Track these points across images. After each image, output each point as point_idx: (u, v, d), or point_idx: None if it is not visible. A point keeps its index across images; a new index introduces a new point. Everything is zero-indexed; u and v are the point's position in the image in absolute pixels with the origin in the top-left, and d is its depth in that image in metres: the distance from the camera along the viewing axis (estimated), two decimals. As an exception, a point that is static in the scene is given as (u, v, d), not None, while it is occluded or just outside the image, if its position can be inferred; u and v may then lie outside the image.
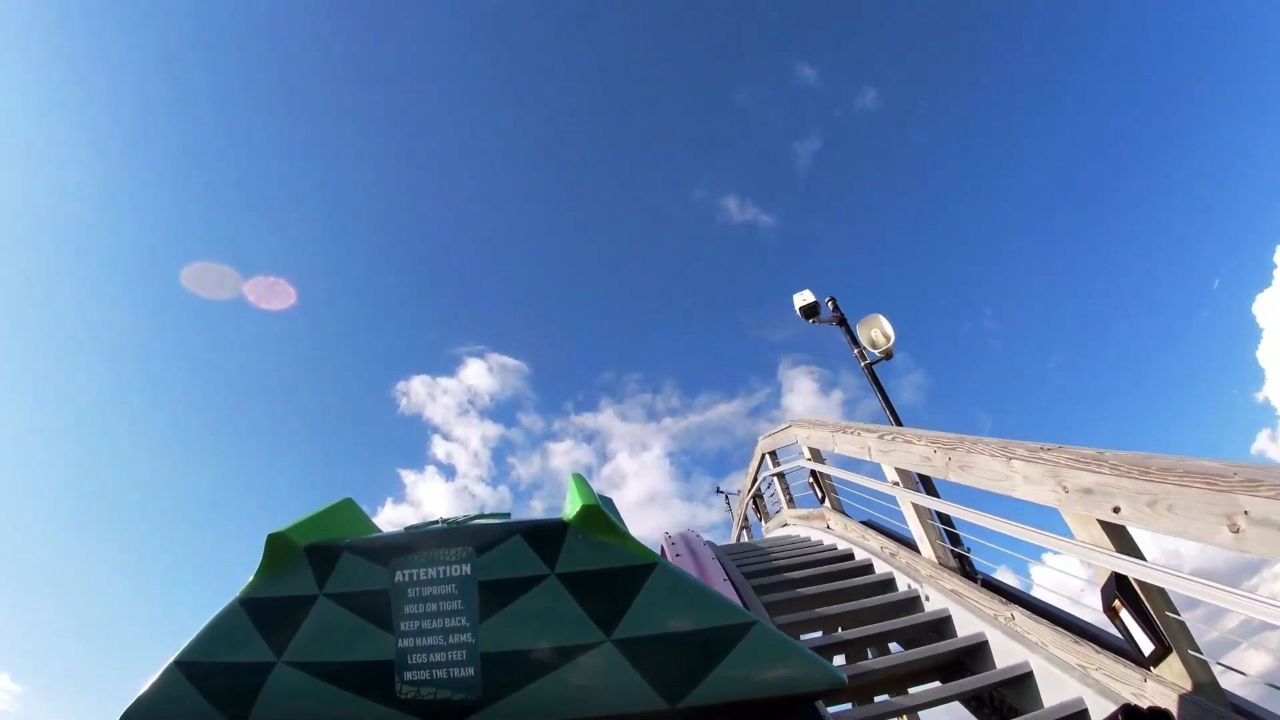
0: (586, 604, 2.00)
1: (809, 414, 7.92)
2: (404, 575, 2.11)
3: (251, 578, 2.21)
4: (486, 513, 2.44)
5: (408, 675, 2.00)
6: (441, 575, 2.10)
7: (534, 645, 1.99)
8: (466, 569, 2.10)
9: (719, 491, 19.98)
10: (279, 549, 2.19)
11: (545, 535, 2.12)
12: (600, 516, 2.09)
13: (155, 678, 2.12)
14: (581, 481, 2.31)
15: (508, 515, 2.40)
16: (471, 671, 1.98)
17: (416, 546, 2.15)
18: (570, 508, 2.17)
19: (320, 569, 2.17)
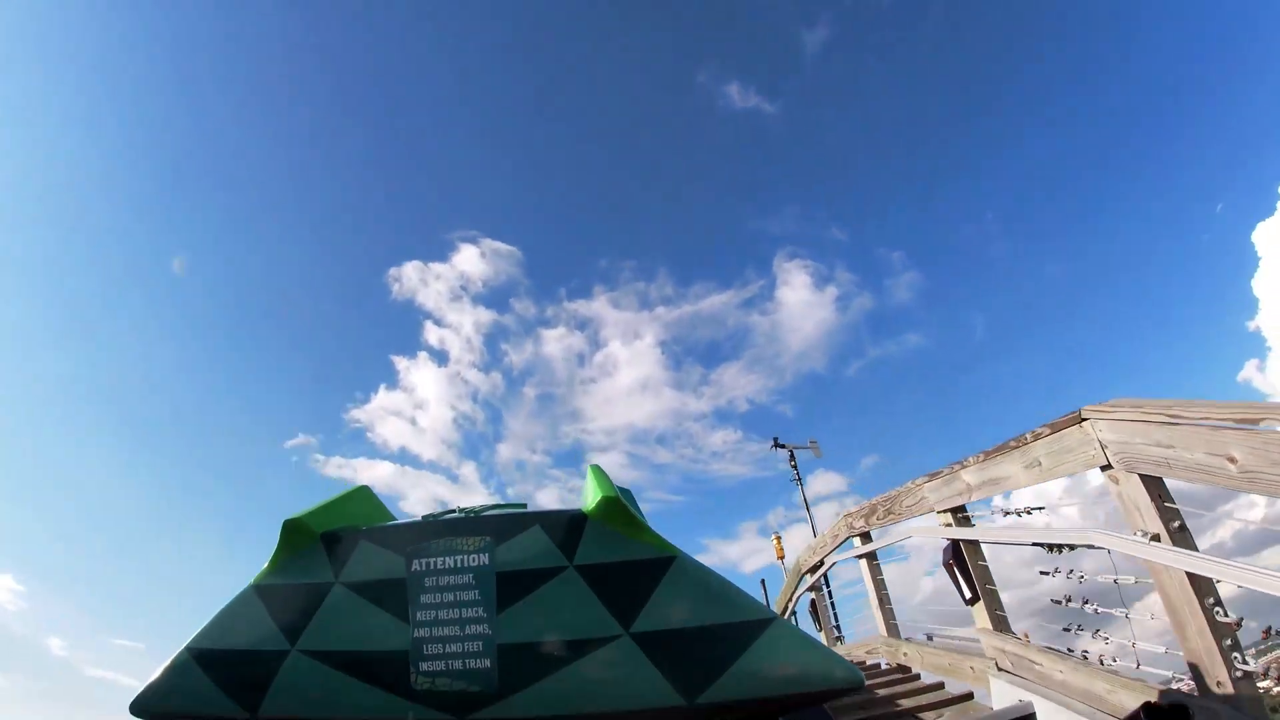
0: (605, 597, 1.98)
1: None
2: (421, 564, 2.10)
3: (266, 564, 2.20)
4: (504, 502, 2.44)
5: (423, 666, 1.98)
6: (459, 565, 2.08)
7: (551, 638, 1.97)
8: (484, 559, 2.08)
9: (778, 445, 15.12)
10: (295, 536, 2.18)
11: (564, 526, 2.10)
12: (619, 508, 2.06)
13: (167, 664, 2.10)
14: (600, 473, 2.28)
15: (524, 505, 2.39)
16: (488, 663, 1.96)
17: (434, 535, 2.14)
18: (589, 499, 2.14)
19: (336, 557, 2.16)
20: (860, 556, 5.56)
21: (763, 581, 14.79)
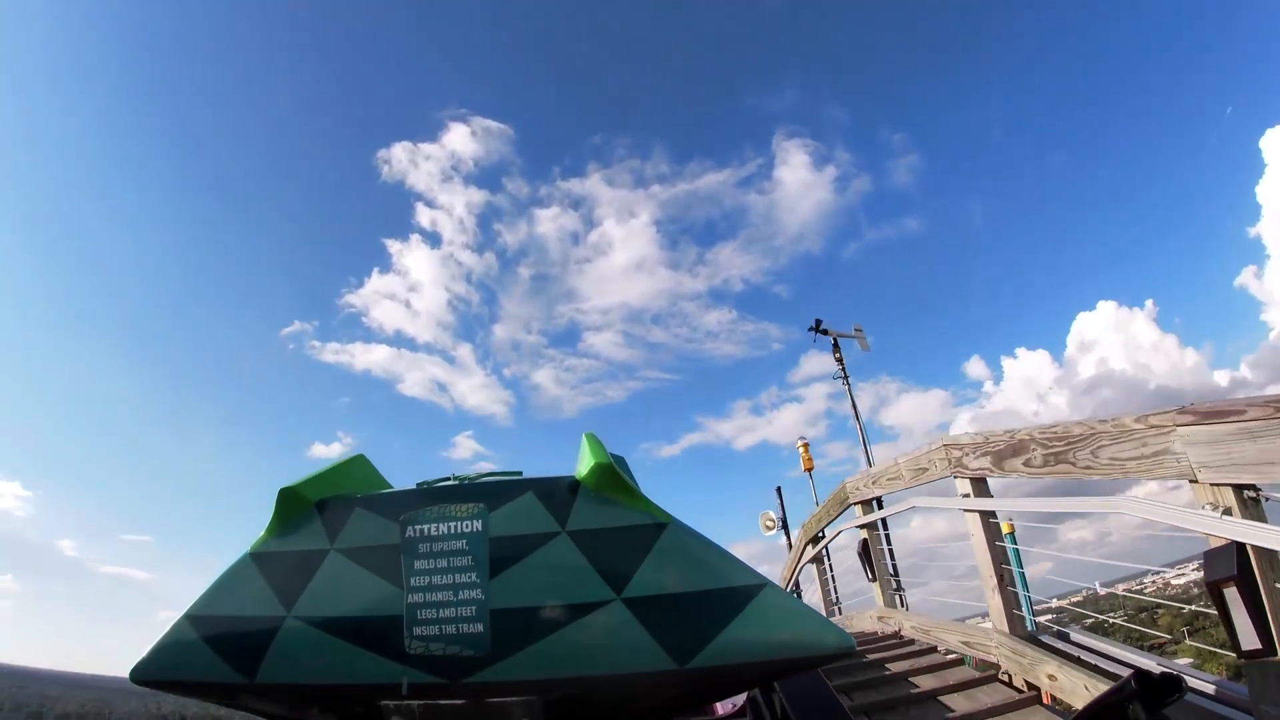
0: (597, 562, 1.99)
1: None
2: (415, 531, 2.10)
3: (263, 532, 2.22)
4: (498, 470, 2.42)
5: (417, 631, 1.99)
6: (453, 531, 2.08)
7: (544, 603, 1.98)
8: (478, 525, 2.08)
9: (819, 331, 13.09)
10: (290, 503, 2.21)
11: (557, 492, 2.11)
12: (612, 475, 2.07)
13: (166, 632, 2.13)
14: (594, 440, 2.27)
15: (519, 473, 2.37)
16: (481, 628, 1.97)
17: (428, 502, 2.15)
18: (582, 466, 2.15)
19: (332, 524, 2.18)
20: (975, 511, 3.87)
21: (779, 489, 13.92)
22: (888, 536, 6.29)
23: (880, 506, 5.95)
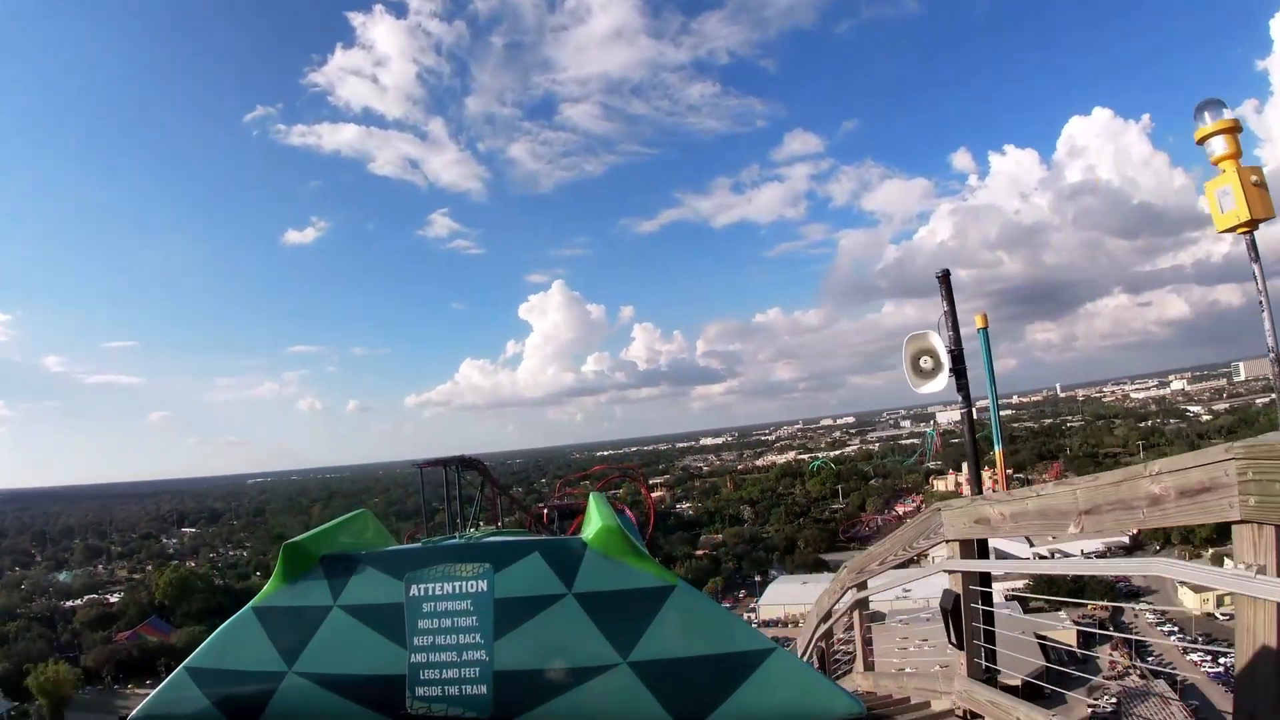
0: (603, 625, 1.98)
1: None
2: (419, 589, 2.10)
3: (267, 586, 2.22)
4: (503, 529, 2.49)
5: (419, 691, 1.99)
6: (457, 591, 2.08)
7: (549, 665, 1.97)
8: (483, 585, 2.07)
9: None
10: (295, 559, 2.21)
11: (563, 553, 2.11)
12: (619, 537, 2.08)
13: (164, 683, 2.13)
14: (601, 502, 2.31)
15: (524, 532, 2.42)
16: (484, 689, 1.96)
17: (433, 561, 2.15)
18: (589, 528, 2.16)
19: (335, 580, 2.18)
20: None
21: (944, 275, 4.60)
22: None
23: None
